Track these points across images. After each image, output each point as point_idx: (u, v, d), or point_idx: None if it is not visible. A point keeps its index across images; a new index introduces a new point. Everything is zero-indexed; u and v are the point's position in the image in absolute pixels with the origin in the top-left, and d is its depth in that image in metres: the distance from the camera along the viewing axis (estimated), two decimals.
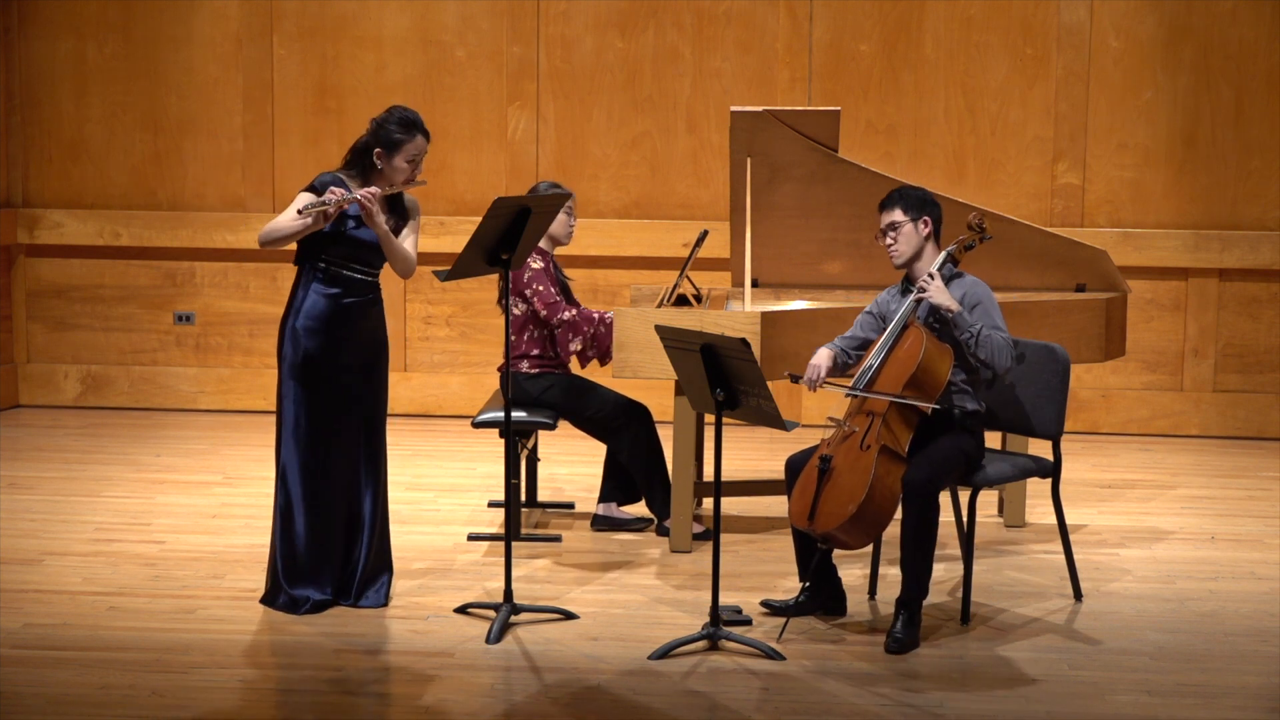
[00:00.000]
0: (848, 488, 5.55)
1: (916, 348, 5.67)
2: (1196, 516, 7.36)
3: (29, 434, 8.72)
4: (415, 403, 9.24)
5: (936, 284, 5.75)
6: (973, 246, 5.94)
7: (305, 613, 5.80)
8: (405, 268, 5.85)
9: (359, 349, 5.89)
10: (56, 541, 6.68)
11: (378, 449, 5.97)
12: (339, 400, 5.86)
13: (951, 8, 8.92)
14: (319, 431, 5.84)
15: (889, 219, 5.86)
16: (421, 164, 5.86)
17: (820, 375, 5.89)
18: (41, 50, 9.22)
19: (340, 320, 5.83)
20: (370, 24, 9.11)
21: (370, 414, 5.94)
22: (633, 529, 6.95)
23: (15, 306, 9.34)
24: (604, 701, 5.10)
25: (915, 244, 5.85)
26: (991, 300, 5.82)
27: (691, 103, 9.04)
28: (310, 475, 5.84)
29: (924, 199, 5.89)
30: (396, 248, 5.80)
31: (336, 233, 5.79)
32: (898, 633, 5.56)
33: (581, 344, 6.76)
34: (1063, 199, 8.97)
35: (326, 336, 5.82)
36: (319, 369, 5.83)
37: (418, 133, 5.81)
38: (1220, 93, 8.88)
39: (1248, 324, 8.96)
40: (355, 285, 5.85)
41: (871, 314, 6.03)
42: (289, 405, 5.84)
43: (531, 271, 6.71)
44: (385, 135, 5.81)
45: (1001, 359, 5.71)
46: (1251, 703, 5.16)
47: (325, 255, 5.81)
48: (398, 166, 5.80)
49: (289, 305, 5.87)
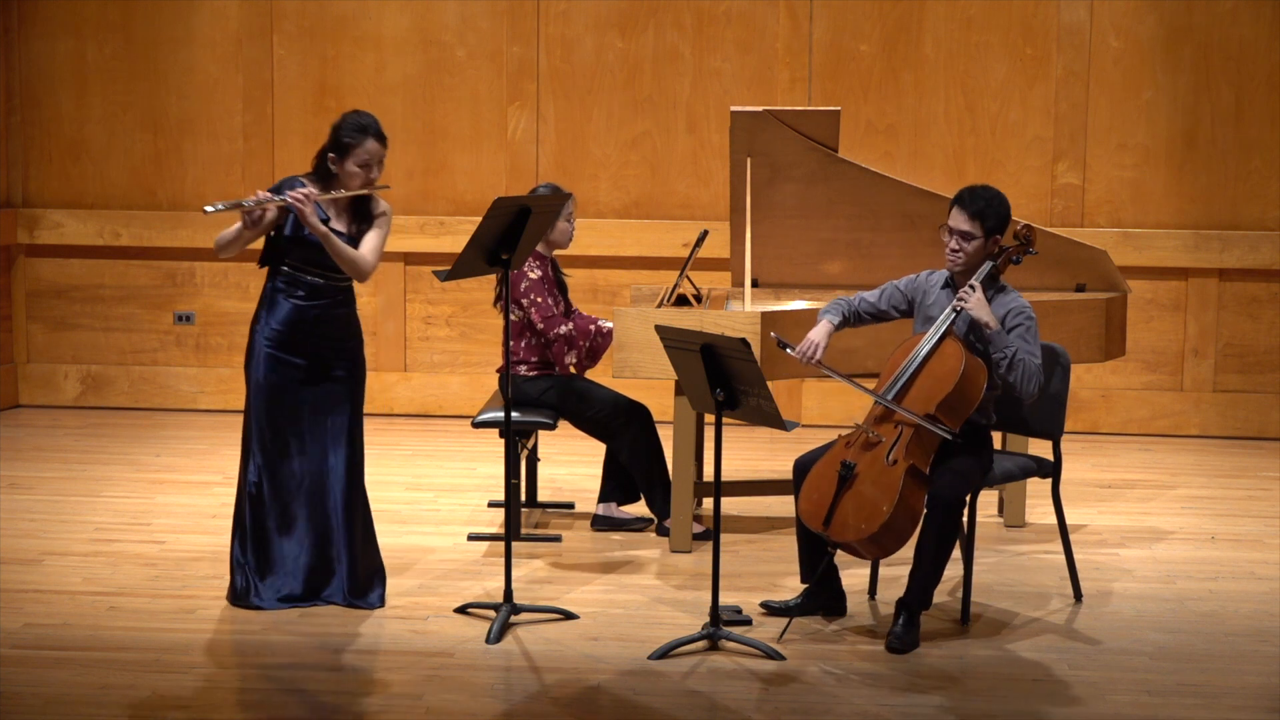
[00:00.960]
0: (871, 502, 5.50)
1: (955, 365, 5.56)
2: (1196, 516, 7.36)
3: (29, 434, 8.72)
4: (415, 403, 9.24)
5: (977, 297, 5.61)
6: (1019, 261, 5.79)
7: (272, 608, 5.79)
8: (354, 270, 5.77)
9: (326, 354, 5.85)
10: (56, 541, 6.68)
11: (354, 452, 5.93)
12: (306, 405, 5.83)
13: (951, 8, 8.92)
14: (284, 437, 5.81)
15: (964, 227, 5.68)
16: (378, 168, 5.80)
17: (817, 352, 5.79)
18: (41, 50, 9.22)
19: (306, 325, 5.80)
20: (370, 24, 9.11)
21: (344, 418, 5.89)
22: (633, 529, 6.95)
23: (15, 306, 9.34)
24: (604, 701, 5.10)
25: (979, 259, 5.73)
26: (1033, 323, 5.67)
27: (691, 103, 9.04)
28: (276, 481, 5.82)
29: (1004, 219, 5.69)
30: (339, 250, 5.71)
31: (295, 236, 5.76)
32: (898, 631, 5.56)
33: (578, 357, 6.73)
34: (1063, 199, 8.96)
35: (292, 342, 5.80)
36: (285, 374, 5.80)
37: (368, 137, 5.77)
38: (1220, 93, 8.88)
39: (1248, 324, 8.96)
40: (319, 289, 5.81)
41: (901, 290, 5.90)
42: (255, 409, 5.82)
43: (529, 281, 6.69)
44: (336, 139, 5.78)
45: (1029, 386, 5.58)
46: (1251, 703, 5.16)
47: (287, 259, 5.80)
48: (350, 170, 5.77)
49: (256, 310, 5.86)
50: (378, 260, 5.84)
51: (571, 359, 6.73)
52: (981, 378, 5.60)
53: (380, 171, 5.85)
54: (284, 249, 5.80)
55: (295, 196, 5.61)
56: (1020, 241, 5.81)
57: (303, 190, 5.64)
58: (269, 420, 5.82)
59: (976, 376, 5.59)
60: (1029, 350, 5.62)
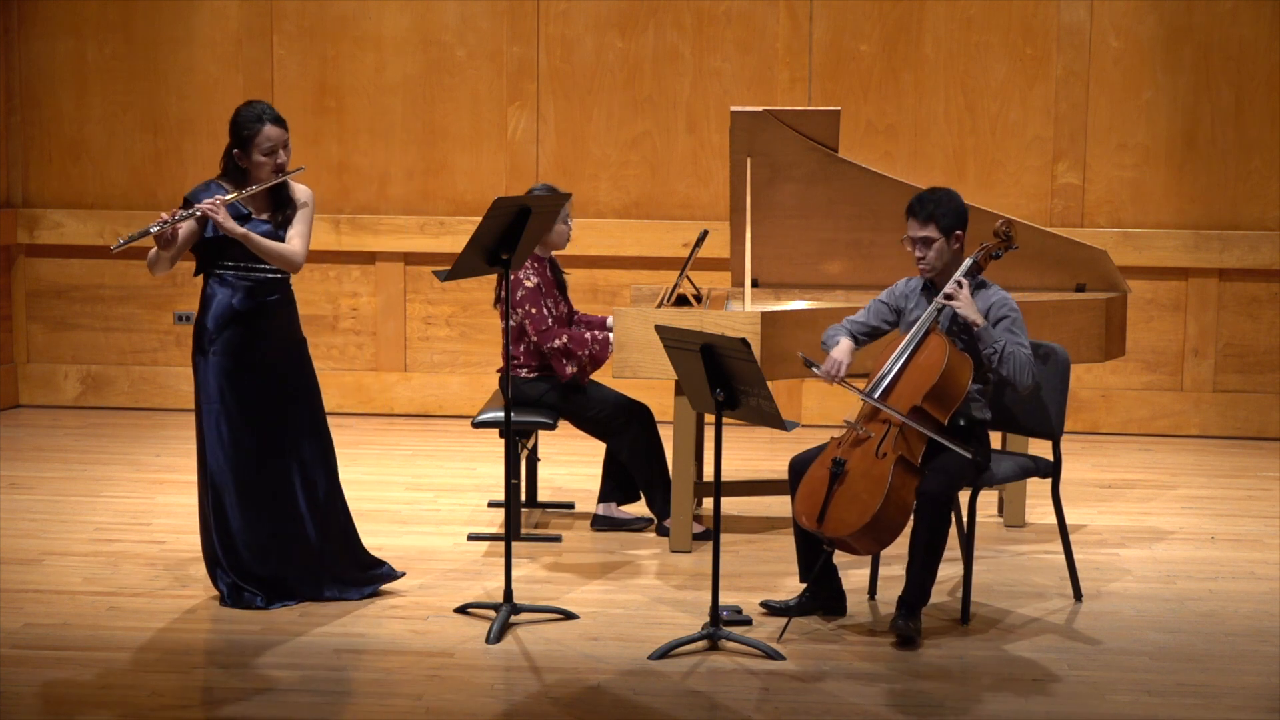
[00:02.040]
0: (862, 496, 5.53)
1: (939, 358, 5.62)
2: (1196, 516, 7.36)
3: (29, 434, 8.72)
4: (415, 403, 9.24)
5: (964, 294, 5.66)
6: (999, 256, 5.85)
7: (260, 608, 5.79)
8: (284, 263, 5.74)
9: (271, 351, 5.82)
10: (56, 541, 6.68)
11: (321, 445, 5.91)
12: (258, 402, 5.79)
13: (951, 8, 8.92)
14: (242, 439, 5.77)
15: (922, 233, 5.76)
16: (285, 152, 5.73)
17: (841, 371, 5.83)
18: (41, 50, 9.22)
19: (246, 324, 5.76)
20: (370, 24, 9.11)
21: (302, 410, 5.87)
22: (633, 529, 6.95)
23: (15, 306, 9.34)
24: (604, 701, 5.10)
25: (947, 258, 5.78)
26: (1018, 315, 5.74)
27: (691, 103, 9.04)
28: (244, 483, 5.77)
29: (958, 213, 5.78)
30: (263, 246, 5.68)
31: (218, 238, 5.71)
32: (900, 623, 5.57)
33: (576, 367, 6.70)
34: (1063, 199, 8.96)
35: (235, 343, 5.75)
36: (232, 376, 5.75)
37: (265, 123, 5.69)
38: (1220, 93, 8.88)
39: (1248, 324, 8.96)
40: (256, 286, 5.76)
41: (885, 303, 5.96)
42: (208, 415, 5.77)
43: (525, 290, 6.65)
44: (236, 134, 5.72)
45: (1024, 377, 5.64)
46: (1251, 703, 5.16)
47: (220, 261, 5.76)
48: (257, 161, 5.71)
49: (199, 313, 5.80)
50: (306, 248, 5.77)
51: (572, 368, 6.67)
52: (966, 368, 5.65)
53: (288, 156, 5.76)
54: (214, 252, 5.75)
55: (204, 206, 5.56)
56: (1000, 237, 5.87)
57: (210, 200, 5.58)
58: (228, 423, 5.75)
59: (961, 367, 5.64)
60: (1017, 342, 5.67)
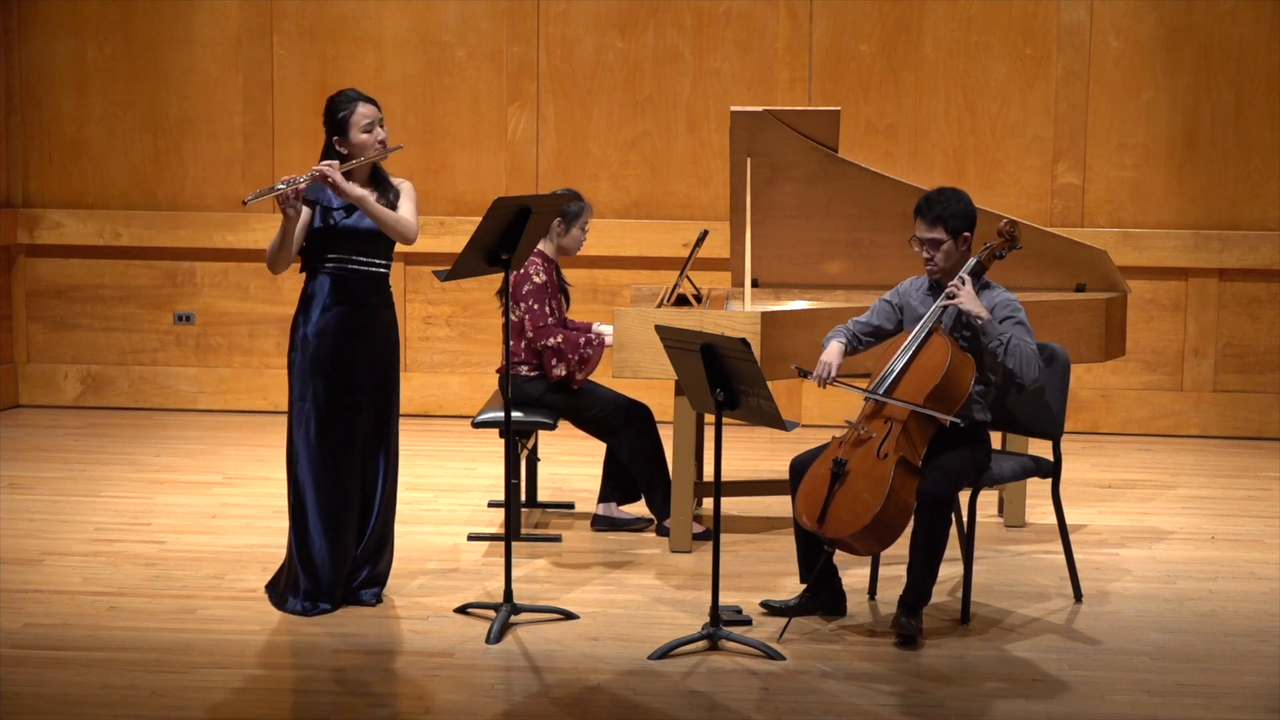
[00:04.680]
0: (862, 496, 5.53)
1: (942, 358, 5.62)
2: (1196, 516, 7.36)
3: (29, 434, 8.72)
4: (415, 403, 9.23)
5: (967, 290, 5.67)
6: (1003, 255, 5.84)
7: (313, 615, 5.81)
8: (402, 231, 5.75)
9: (369, 357, 5.83)
10: (56, 541, 6.68)
11: (391, 458, 5.94)
12: (351, 410, 5.80)
13: (951, 8, 8.92)
14: (330, 443, 5.78)
15: (930, 235, 5.76)
16: (381, 129, 5.79)
17: (831, 373, 5.85)
18: (41, 50, 9.22)
19: (350, 326, 5.77)
20: (370, 24, 9.11)
21: (383, 422, 5.90)
22: (633, 529, 6.95)
23: (15, 306, 9.34)
24: (604, 701, 5.10)
25: (955, 259, 5.78)
26: (1023, 314, 5.74)
27: (691, 103, 9.04)
28: (324, 488, 5.78)
29: (967, 215, 5.77)
30: (378, 212, 5.69)
31: (328, 227, 5.74)
32: (901, 619, 5.57)
33: (566, 369, 6.69)
34: (1063, 199, 8.97)
35: (336, 343, 5.77)
36: (329, 378, 5.77)
37: (358, 102, 5.78)
38: (1220, 93, 8.88)
39: (1248, 324, 8.96)
40: (363, 283, 5.78)
41: (890, 303, 5.96)
42: (299, 415, 5.78)
43: (531, 285, 6.66)
44: (330, 119, 5.78)
45: (1030, 370, 5.64)
46: (1251, 703, 5.16)
47: (329, 254, 5.78)
48: (358, 141, 5.75)
49: (298, 311, 5.82)
50: (417, 223, 5.81)
51: (560, 370, 6.67)
52: (969, 369, 5.65)
53: (386, 132, 5.83)
54: (321, 243, 5.77)
55: (322, 167, 5.61)
56: (1004, 237, 5.87)
57: (324, 164, 5.64)
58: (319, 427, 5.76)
59: (963, 367, 5.64)
60: (1022, 336, 5.66)
